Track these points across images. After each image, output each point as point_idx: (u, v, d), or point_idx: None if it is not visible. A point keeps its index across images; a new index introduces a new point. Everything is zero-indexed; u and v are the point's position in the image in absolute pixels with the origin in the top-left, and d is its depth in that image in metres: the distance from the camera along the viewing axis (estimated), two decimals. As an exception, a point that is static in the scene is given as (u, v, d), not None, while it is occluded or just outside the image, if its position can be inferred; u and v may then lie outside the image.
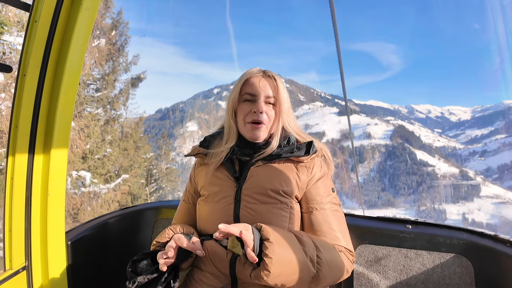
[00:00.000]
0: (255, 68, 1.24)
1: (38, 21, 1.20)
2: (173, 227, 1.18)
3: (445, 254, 1.37)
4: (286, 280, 0.94)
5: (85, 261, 1.55)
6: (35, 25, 1.21)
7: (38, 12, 1.21)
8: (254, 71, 1.21)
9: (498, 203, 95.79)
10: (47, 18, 1.23)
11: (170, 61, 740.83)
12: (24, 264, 1.30)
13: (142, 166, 14.48)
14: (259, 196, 1.12)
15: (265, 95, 1.17)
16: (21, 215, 1.30)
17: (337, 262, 1.06)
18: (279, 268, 0.91)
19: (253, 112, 1.16)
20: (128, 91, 12.73)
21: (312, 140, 1.21)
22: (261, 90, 1.17)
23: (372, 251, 1.46)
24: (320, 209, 1.13)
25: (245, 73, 1.22)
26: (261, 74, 1.21)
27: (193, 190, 1.32)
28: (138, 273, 1.02)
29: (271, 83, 1.18)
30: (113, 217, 1.76)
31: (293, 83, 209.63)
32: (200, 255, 1.03)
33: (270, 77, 1.20)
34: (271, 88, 1.18)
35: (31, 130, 1.29)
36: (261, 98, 1.17)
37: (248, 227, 0.95)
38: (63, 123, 1.35)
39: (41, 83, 1.28)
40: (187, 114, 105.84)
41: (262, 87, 1.17)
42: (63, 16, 1.27)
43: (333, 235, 1.11)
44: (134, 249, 1.81)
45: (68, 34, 1.30)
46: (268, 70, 1.23)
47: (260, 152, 1.18)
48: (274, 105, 1.19)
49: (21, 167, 1.28)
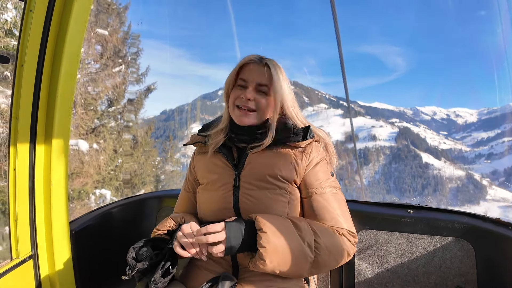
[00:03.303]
0: (255, 54, 1.21)
1: (33, 10, 1.20)
2: (174, 217, 1.19)
3: (446, 238, 1.37)
4: (283, 267, 0.96)
5: (89, 250, 1.58)
6: (30, 14, 1.21)
7: (33, 1, 1.20)
8: (251, 57, 1.18)
9: (505, 207, 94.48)
10: (42, 7, 1.23)
11: (176, 63, 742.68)
12: (30, 253, 1.33)
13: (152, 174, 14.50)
14: (257, 182, 1.13)
15: (256, 83, 1.15)
16: (25, 205, 1.32)
17: (337, 247, 1.06)
18: (275, 256, 0.93)
19: (241, 97, 1.16)
20: (142, 102, 12.76)
21: (309, 125, 1.20)
22: (253, 77, 1.15)
23: (373, 236, 1.46)
24: (320, 193, 1.13)
25: (242, 58, 1.20)
26: (257, 61, 1.17)
27: (193, 178, 1.33)
28: (139, 260, 1.04)
29: (266, 71, 1.15)
30: (117, 206, 1.78)
31: (298, 85, 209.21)
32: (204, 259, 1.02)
33: (266, 65, 1.16)
34: (265, 76, 1.15)
35: (32, 121, 1.30)
36: (252, 85, 1.15)
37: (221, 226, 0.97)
38: (63, 112, 1.36)
39: (39, 72, 1.28)
40: (191, 115, 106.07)
41: (255, 74, 1.16)
42: (59, 4, 1.27)
43: (335, 218, 1.11)
44: (137, 238, 1.79)
45: (65, 22, 1.29)
46: (268, 59, 1.20)
47: (256, 143, 1.17)
48: (267, 94, 1.17)
49: (23, 158, 1.30)
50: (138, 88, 12.66)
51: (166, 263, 1.04)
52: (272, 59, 1.21)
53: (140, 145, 12.84)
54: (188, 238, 0.99)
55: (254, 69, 1.17)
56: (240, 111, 1.16)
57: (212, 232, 0.95)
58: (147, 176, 13.93)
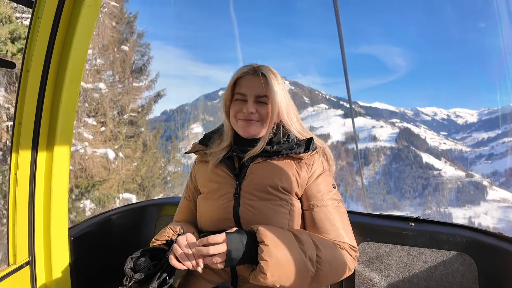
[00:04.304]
0: (248, 65, 1.18)
1: (41, 18, 1.21)
2: (173, 226, 1.18)
3: (448, 252, 1.35)
4: (284, 281, 0.94)
5: (87, 257, 1.56)
6: (38, 21, 1.21)
7: (41, 8, 1.21)
8: (245, 69, 1.16)
9: (505, 207, 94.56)
10: (50, 15, 1.23)
11: (177, 63, 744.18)
12: (28, 259, 1.31)
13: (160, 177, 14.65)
14: (258, 192, 1.11)
15: (255, 95, 1.14)
16: (25, 210, 1.31)
17: (338, 261, 1.05)
18: (276, 269, 0.91)
19: (243, 112, 1.14)
20: (151, 107, 12.87)
21: (312, 137, 1.19)
22: (251, 91, 1.14)
23: (374, 248, 1.45)
24: (322, 205, 1.12)
25: (236, 72, 1.17)
26: (252, 72, 1.15)
27: (193, 187, 1.31)
28: (136, 270, 1.02)
29: (262, 81, 1.13)
30: (116, 213, 1.77)
31: (298, 85, 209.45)
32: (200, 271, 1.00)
33: (262, 74, 1.13)
34: (262, 87, 1.13)
35: (35, 126, 1.29)
36: (251, 99, 1.14)
37: (222, 238, 0.94)
38: (66, 119, 1.36)
39: (44, 78, 1.28)
40: (192, 115, 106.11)
41: (252, 87, 1.14)
42: (66, 12, 1.27)
43: (336, 232, 1.10)
44: (136, 246, 1.80)
45: (71, 30, 1.30)
46: (262, 66, 1.17)
47: (250, 152, 1.15)
48: (267, 103, 1.15)
49: (25, 163, 1.29)
50: (148, 94, 12.88)
51: (163, 274, 1.02)
52: (266, 66, 1.18)
53: (149, 148, 13.02)
54: (184, 249, 0.98)
55: (250, 82, 1.15)
56: (244, 122, 1.15)
57: (213, 243, 0.93)
58: (156, 178, 14.16)
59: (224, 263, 0.93)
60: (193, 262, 0.97)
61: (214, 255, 0.93)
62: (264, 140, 1.15)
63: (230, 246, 0.93)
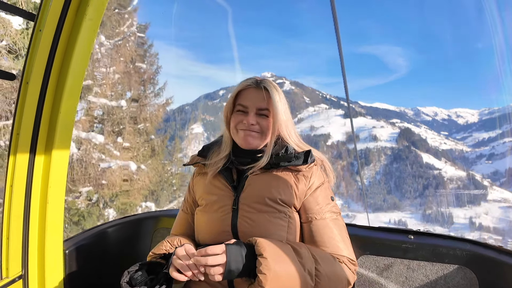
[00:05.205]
0: (251, 77, 1.20)
1: (42, 30, 1.21)
2: (171, 240, 1.17)
3: (449, 266, 1.34)
4: None
5: (82, 271, 1.54)
6: (39, 34, 1.22)
7: (42, 21, 1.21)
8: (248, 82, 1.17)
9: (506, 207, 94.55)
10: (52, 28, 1.24)
11: (178, 63, 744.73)
12: (21, 273, 1.29)
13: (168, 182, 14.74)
14: (256, 205, 1.11)
15: (256, 108, 1.15)
16: (19, 223, 1.29)
17: (338, 274, 1.04)
18: (275, 283, 0.89)
19: (243, 123, 1.15)
20: (161, 115, 12.93)
21: (310, 149, 1.19)
22: (252, 103, 1.15)
23: (373, 261, 1.44)
24: (320, 218, 1.11)
25: (239, 84, 1.19)
26: (254, 85, 1.16)
27: (191, 199, 1.31)
28: (133, 285, 1.01)
29: (264, 94, 1.14)
30: (112, 226, 1.74)
31: (299, 85, 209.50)
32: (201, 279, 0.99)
33: (264, 88, 1.15)
34: (264, 100, 1.14)
35: (32, 138, 1.29)
36: (252, 111, 1.15)
37: (221, 249, 0.93)
38: (64, 131, 1.35)
39: (43, 90, 1.28)
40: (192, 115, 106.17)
41: (254, 99, 1.15)
42: (67, 26, 1.28)
43: (335, 245, 1.09)
44: (132, 259, 1.79)
45: (72, 43, 1.31)
46: (264, 80, 1.19)
47: (254, 164, 1.15)
48: (268, 116, 1.16)
49: (21, 175, 1.28)
50: (156, 102, 12.96)
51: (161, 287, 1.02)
52: (268, 80, 1.20)
53: (157, 154, 13.13)
54: (183, 260, 0.96)
55: (252, 94, 1.16)
56: (244, 132, 1.15)
57: (212, 254, 0.92)
58: (164, 183, 14.31)
59: (223, 275, 0.91)
60: (194, 271, 0.95)
61: (213, 266, 0.91)
62: (267, 154, 1.14)
63: (229, 258, 0.91)
